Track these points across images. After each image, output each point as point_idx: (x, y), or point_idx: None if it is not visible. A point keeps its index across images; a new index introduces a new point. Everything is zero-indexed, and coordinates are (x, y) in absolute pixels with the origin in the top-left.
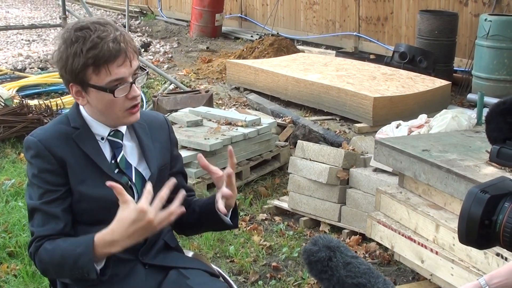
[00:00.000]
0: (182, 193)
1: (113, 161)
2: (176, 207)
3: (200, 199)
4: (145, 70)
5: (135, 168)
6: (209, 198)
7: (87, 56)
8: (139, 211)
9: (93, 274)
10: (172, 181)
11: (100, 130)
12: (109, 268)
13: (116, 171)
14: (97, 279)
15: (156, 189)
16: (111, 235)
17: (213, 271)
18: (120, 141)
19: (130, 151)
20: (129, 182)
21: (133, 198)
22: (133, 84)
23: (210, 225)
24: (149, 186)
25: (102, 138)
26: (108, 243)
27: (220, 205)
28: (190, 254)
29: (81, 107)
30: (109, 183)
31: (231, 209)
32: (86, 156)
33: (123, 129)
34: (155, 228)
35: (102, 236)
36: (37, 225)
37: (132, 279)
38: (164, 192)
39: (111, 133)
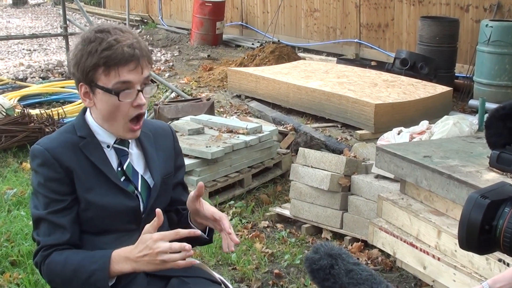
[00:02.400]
0: (190, 252)
1: (119, 169)
2: (184, 262)
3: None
4: (155, 83)
5: (141, 176)
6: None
7: (100, 55)
8: (149, 237)
9: None
10: (196, 231)
11: (106, 138)
12: (119, 286)
13: (122, 179)
14: None
15: (160, 198)
16: (128, 252)
17: (215, 279)
18: (126, 149)
19: (136, 159)
20: (135, 191)
21: (139, 206)
22: (140, 92)
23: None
24: (159, 215)
25: (108, 146)
26: (122, 258)
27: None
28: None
29: (87, 116)
30: (157, 210)
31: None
32: (93, 165)
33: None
34: (160, 263)
35: (120, 250)
36: (43, 235)
37: None
38: (184, 246)
39: (117, 141)
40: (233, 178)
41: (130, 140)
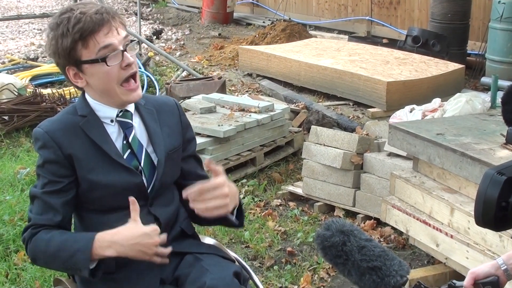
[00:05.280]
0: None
1: (124, 142)
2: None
3: None
4: (135, 40)
5: (145, 149)
6: None
7: (73, 32)
8: (148, 231)
9: (86, 272)
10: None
11: (108, 112)
12: (100, 270)
13: (127, 152)
14: (88, 278)
15: (166, 174)
16: (112, 236)
17: (229, 256)
18: (130, 121)
19: (140, 133)
20: (140, 167)
21: (143, 182)
22: (125, 52)
23: (218, 221)
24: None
25: (112, 121)
26: (107, 242)
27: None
28: (206, 240)
29: (87, 96)
30: (131, 198)
31: (236, 209)
32: (94, 144)
33: (131, 108)
34: (151, 255)
35: (104, 234)
36: (35, 213)
37: (148, 265)
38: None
39: (120, 114)
40: (245, 157)
41: (132, 112)
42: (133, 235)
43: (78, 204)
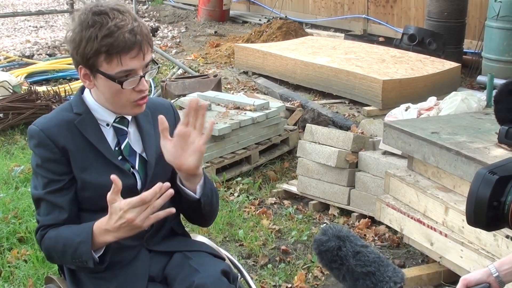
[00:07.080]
0: (169, 191)
1: (116, 148)
2: (163, 211)
3: None
4: (157, 64)
5: (139, 155)
6: None
7: (101, 43)
8: (118, 209)
9: (91, 263)
10: (168, 190)
11: (105, 116)
12: (107, 256)
13: (119, 158)
14: (95, 267)
15: (158, 175)
16: (105, 224)
17: (219, 254)
18: (126, 128)
19: (134, 138)
20: (132, 169)
21: (136, 185)
22: (143, 78)
23: (190, 209)
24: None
25: (107, 124)
26: (103, 231)
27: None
28: (198, 238)
29: (85, 94)
30: (112, 177)
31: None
32: (88, 143)
33: (129, 116)
34: (140, 226)
35: (99, 224)
36: (42, 214)
37: (137, 265)
38: (163, 202)
39: (117, 120)
40: (240, 155)
41: (129, 119)
42: (114, 220)
43: None
